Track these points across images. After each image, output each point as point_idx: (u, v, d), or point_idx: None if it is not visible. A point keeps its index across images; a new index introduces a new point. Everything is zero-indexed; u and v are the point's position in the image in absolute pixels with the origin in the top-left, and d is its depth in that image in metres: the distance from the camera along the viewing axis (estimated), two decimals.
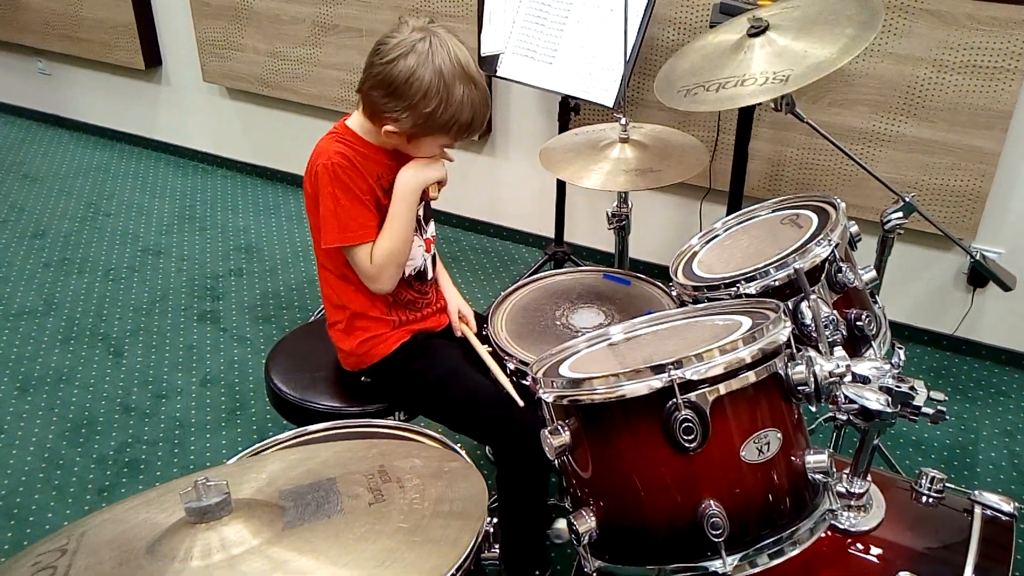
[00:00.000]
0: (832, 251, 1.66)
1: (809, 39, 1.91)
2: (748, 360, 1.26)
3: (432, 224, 2.00)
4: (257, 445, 1.58)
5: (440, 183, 1.89)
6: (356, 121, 1.85)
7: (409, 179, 1.83)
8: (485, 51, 2.95)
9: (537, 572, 1.99)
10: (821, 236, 1.69)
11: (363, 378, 1.96)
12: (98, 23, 4.27)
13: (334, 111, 3.86)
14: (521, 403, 1.80)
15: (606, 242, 3.53)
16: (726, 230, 1.99)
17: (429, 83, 1.69)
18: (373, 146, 1.83)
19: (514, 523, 1.90)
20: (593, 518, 1.36)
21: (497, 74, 2.93)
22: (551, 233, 3.36)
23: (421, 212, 1.95)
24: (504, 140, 3.60)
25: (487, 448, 2.37)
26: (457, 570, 1.21)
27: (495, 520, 1.35)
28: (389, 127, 1.75)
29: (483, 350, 1.93)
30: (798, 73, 1.82)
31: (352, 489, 1.08)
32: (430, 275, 2.00)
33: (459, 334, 2.02)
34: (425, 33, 1.71)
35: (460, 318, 2.04)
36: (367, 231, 1.80)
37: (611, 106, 2.70)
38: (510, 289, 2.16)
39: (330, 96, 3.81)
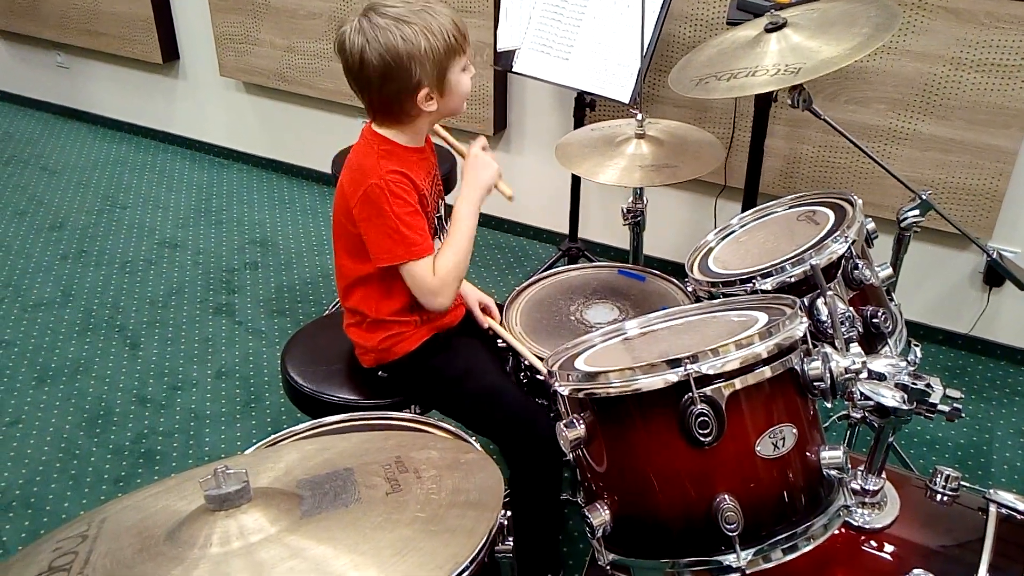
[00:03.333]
0: (849, 248, 1.66)
1: (825, 37, 1.90)
2: (764, 355, 1.27)
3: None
4: (273, 436, 1.59)
5: (499, 177, 1.88)
6: (382, 129, 1.82)
7: (471, 192, 1.84)
8: (501, 47, 2.95)
9: (549, 574, 1.99)
10: (838, 232, 1.69)
11: (380, 372, 1.97)
12: (116, 17, 4.30)
13: (350, 106, 3.87)
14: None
15: (619, 239, 3.53)
16: (742, 226, 1.99)
17: (402, 42, 1.67)
18: (411, 148, 1.82)
19: (527, 524, 1.90)
20: (607, 511, 1.36)
21: (513, 70, 2.94)
22: (565, 229, 3.36)
23: (444, 213, 1.96)
24: (519, 136, 3.60)
25: None
26: (472, 561, 1.22)
27: (509, 513, 1.36)
28: (422, 94, 1.71)
29: (511, 337, 1.93)
30: (810, 66, 1.82)
31: (369, 479, 1.09)
32: None
33: (486, 326, 2.02)
34: (359, 16, 1.72)
35: (483, 310, 2.04)
36: (428, 245, 1.78)
37: (627, 102, 2.70)
38: (524, 284, 2.16)
39: (345, 91, 3.76)
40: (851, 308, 1.63)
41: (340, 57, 1.76)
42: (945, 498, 1.54)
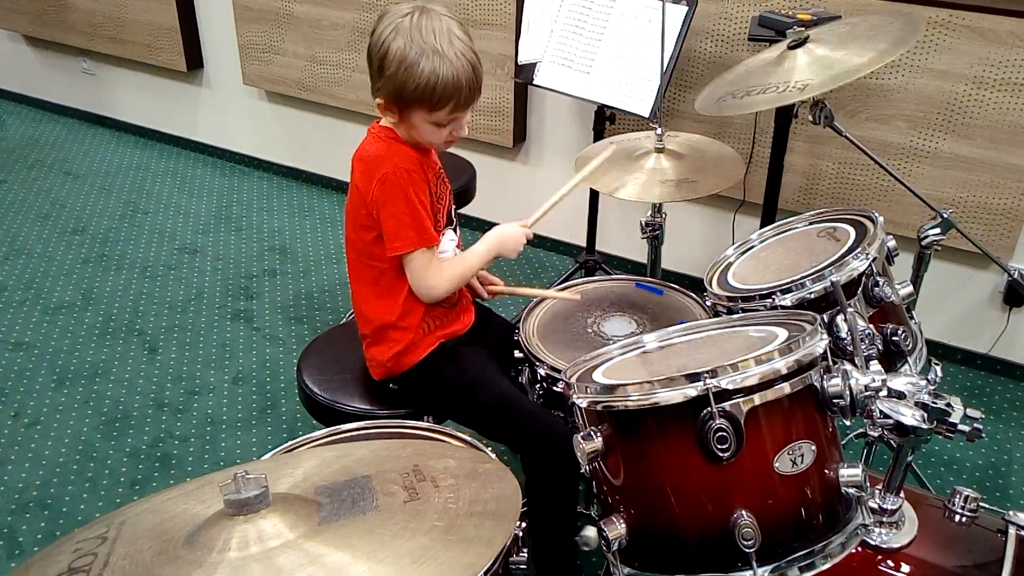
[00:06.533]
0: (869, 265, 1.65)
1: (841, 52, 1.90)
2: (784, 371, 1.26)
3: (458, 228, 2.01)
4: (290, 443, 1.59)
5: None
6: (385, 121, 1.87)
7: (498, 241, 1.91)
8: (523, 59, 2.96)
9: None
10: (859, 250, 1.68)
11: (391, 385, 1.97)
12: (142, 25, 4.34)
13: (371, 115, 3.86)
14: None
15: (637, 252, 3.53)
16: (762, 241, 1.98)
17: (393, 51, 1.70)
18: (411, 146, 1.84)
19: (544, 532, 1.90)
20: (623, 525, 1.36)
21: (534, 82, 2.95)
22: (583, 242, 3.36)
23: (452, 205, 1.98)
24: (538, 148, 3.61)
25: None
26: (487, 572, 1.22)
27: (523, 524, 1.35)
28: (379, 98, 1.78)
29: (523, 289, 2.01)
30: (817, 83, 1.82)
31: (387, 487, 1.09)
32: None
33: (491, 296, 2.08)
34: (414, 9, 1.73)
35: (483, 283, 2.08)
36: (435, 235, 1.82)
37: (647, 116, 2.70)
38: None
39: (368, 101, 3.80)
40: (871, 325, 1.62)
41: None
42: (964, 519, 1.53)
